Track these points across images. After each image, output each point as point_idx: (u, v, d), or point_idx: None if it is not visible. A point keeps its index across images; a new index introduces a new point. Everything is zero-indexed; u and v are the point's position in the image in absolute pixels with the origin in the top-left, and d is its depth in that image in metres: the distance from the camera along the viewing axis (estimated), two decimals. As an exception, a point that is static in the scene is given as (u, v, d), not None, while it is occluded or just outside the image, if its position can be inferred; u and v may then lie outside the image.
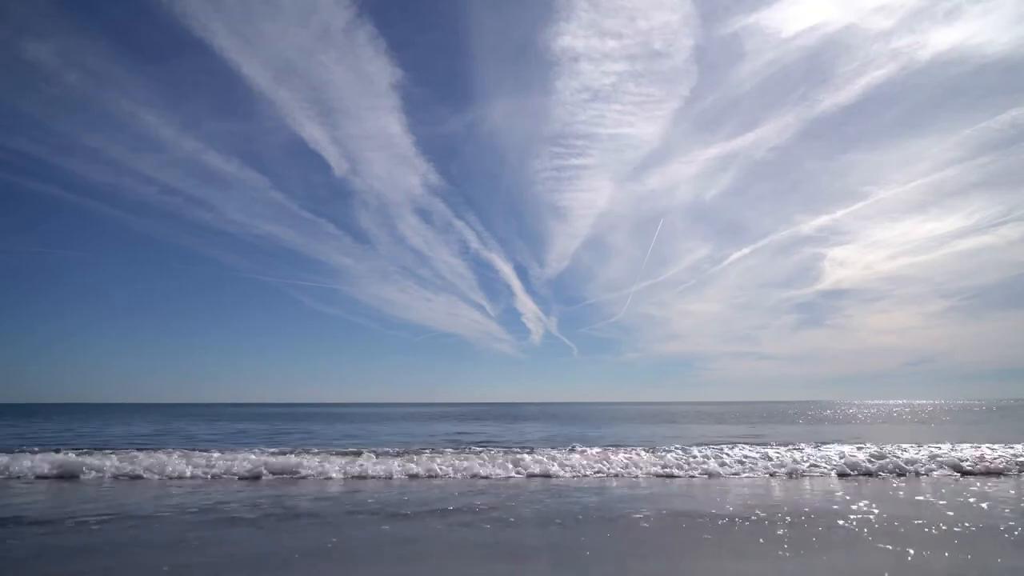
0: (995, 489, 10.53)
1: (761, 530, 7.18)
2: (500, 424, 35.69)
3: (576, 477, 12.23)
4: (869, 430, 28.37)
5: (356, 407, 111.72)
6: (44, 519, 8.09)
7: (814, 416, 48.86)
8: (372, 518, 8.10)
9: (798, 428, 31.12)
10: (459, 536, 7.03)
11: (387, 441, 20.88)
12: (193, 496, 10.07)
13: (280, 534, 7.19)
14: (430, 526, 7.58)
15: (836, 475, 12.57)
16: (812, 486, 11.10)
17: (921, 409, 69.01)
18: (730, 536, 6.98)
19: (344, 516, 8.25)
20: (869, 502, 9.12)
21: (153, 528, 7.52)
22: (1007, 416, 45.40)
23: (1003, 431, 25.76)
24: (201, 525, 7.64)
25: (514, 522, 7.77)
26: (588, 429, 29.41)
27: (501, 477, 12.23)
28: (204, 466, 12.61)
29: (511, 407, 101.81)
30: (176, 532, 7.27)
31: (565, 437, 23.26)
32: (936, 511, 8.39)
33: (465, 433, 26.80)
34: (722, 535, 7.01)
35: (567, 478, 12.13)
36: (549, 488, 10.96)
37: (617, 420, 41.40)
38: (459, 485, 11.29)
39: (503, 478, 12.15)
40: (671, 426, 32.92)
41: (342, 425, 35.20)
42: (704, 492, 10.43)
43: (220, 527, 7.56)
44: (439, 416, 52.60)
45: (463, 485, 11.30)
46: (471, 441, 21.27)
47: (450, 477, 12.24)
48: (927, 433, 25.60)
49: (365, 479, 12.15)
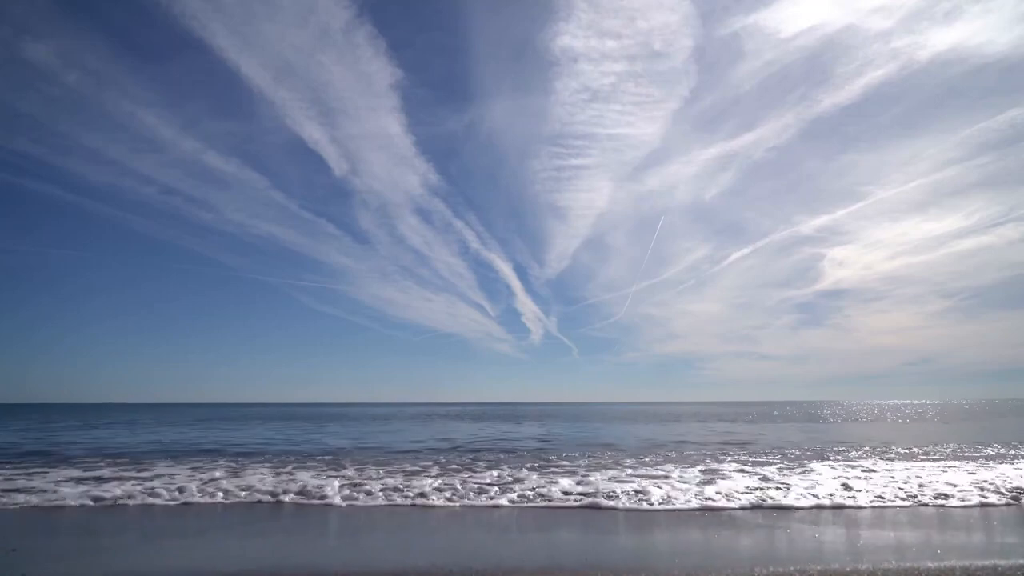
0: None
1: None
2: (544, 425, 35.14)
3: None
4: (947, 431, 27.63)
5: (355, 408, 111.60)
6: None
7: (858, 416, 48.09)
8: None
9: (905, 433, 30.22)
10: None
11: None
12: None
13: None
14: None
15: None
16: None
17: (958, 409, 67.97)
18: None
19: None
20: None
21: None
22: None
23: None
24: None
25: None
26: (630, 428, 28.83)
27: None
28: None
29: (515, 407, 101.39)
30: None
31: (639, 439, 22.65)
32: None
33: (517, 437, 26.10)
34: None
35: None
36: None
37: (654, 420, 40.83)
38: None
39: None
40: (747, 426, 32.31)
41: (409, 426, 34.74)
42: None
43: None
44: (453, 416, 52.18)
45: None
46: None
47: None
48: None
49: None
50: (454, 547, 6.44)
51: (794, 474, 11.19)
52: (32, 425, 34.21)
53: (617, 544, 6.44)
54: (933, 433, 24.65)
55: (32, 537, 6.93)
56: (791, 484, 9.86)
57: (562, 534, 6.97)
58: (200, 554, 6.15)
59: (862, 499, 8.67)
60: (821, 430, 27.56)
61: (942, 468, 12.04)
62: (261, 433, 26.01)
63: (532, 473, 11.45)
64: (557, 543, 6.49)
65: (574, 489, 9.53)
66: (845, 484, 9.84)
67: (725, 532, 6.82)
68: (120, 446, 19.00)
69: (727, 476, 10.91)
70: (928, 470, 11.68)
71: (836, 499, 8.66)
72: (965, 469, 11.82)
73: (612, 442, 19.60)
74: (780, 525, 7.15)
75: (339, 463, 13.39)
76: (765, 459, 14.05)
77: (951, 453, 15.54)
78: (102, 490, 9.62)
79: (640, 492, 9.20)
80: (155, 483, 10.28)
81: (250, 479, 10.75)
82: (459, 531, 7.28)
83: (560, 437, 22.55)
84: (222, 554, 6.16)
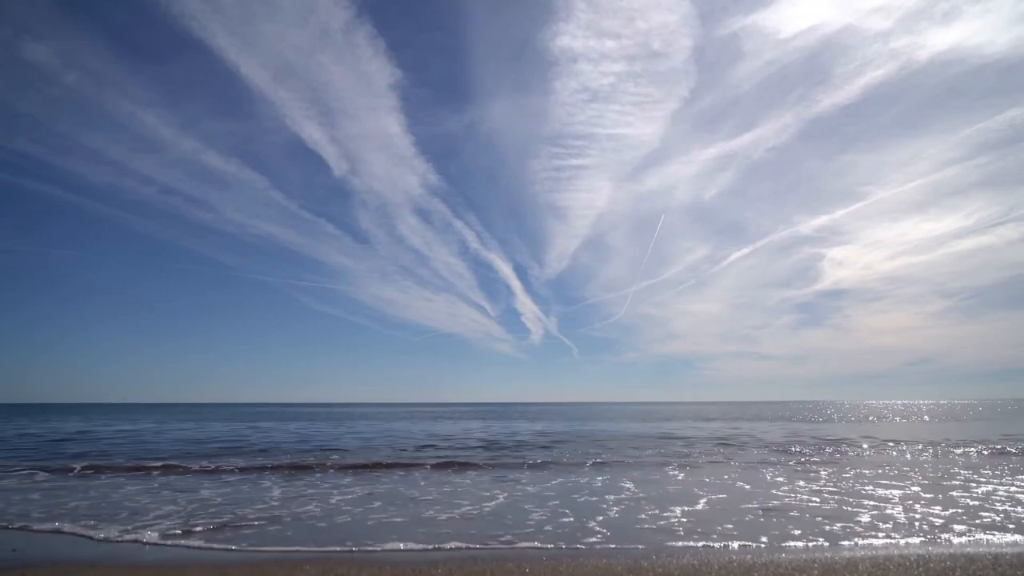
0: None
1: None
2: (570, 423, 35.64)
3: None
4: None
5: (357, 407, 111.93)
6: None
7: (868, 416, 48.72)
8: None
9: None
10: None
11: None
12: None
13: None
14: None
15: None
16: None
17: (971, 408, 68.61)
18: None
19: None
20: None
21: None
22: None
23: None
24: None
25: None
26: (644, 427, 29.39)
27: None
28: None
29: (515, 407, 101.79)
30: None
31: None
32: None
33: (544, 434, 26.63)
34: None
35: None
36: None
37: (660, 419, 41.47)
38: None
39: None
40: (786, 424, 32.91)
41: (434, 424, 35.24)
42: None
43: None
44: (462, 416, 52.70)
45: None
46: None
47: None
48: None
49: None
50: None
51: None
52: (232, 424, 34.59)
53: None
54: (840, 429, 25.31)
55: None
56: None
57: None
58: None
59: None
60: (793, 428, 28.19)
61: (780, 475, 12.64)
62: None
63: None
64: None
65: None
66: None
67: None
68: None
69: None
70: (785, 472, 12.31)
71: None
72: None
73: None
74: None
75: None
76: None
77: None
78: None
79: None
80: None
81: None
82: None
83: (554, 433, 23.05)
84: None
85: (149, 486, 10.51)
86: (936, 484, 10.25)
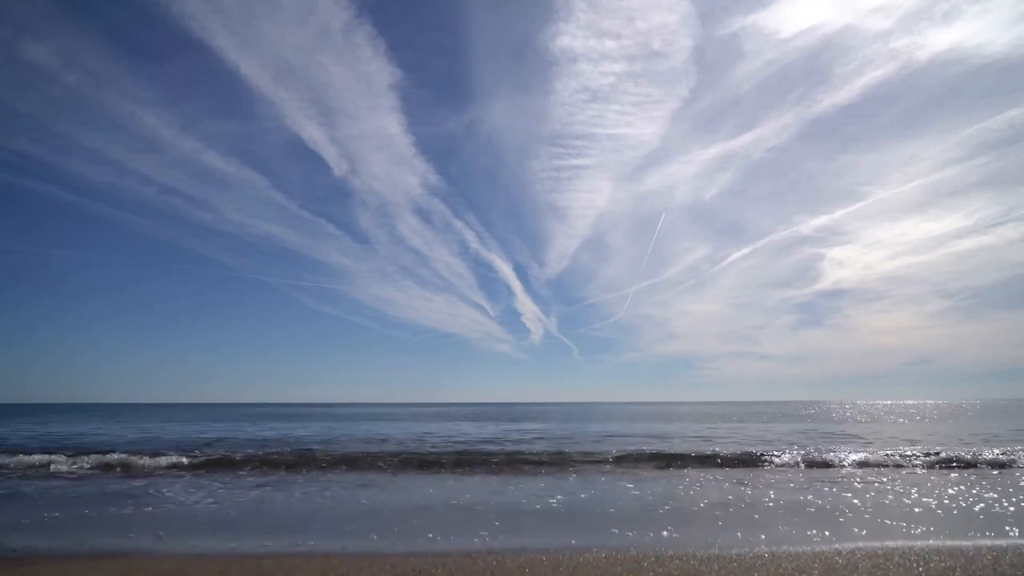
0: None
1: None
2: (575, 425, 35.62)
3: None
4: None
5: (357, 407, 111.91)
6: None
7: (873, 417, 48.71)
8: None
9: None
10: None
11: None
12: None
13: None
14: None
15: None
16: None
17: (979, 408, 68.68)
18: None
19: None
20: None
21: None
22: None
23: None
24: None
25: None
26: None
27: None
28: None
29: (517, 407, 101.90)
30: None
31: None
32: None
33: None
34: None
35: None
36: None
37: (663, 419, 41.42)
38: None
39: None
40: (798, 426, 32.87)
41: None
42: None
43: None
44: (468, 416, 52.70)
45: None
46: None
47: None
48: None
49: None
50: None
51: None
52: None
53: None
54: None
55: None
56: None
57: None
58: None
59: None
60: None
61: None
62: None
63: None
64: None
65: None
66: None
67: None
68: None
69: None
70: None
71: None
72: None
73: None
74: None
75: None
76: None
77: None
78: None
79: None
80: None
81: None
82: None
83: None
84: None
85: (145, 484, 10.52)
86: (936, 484, 10.25)
